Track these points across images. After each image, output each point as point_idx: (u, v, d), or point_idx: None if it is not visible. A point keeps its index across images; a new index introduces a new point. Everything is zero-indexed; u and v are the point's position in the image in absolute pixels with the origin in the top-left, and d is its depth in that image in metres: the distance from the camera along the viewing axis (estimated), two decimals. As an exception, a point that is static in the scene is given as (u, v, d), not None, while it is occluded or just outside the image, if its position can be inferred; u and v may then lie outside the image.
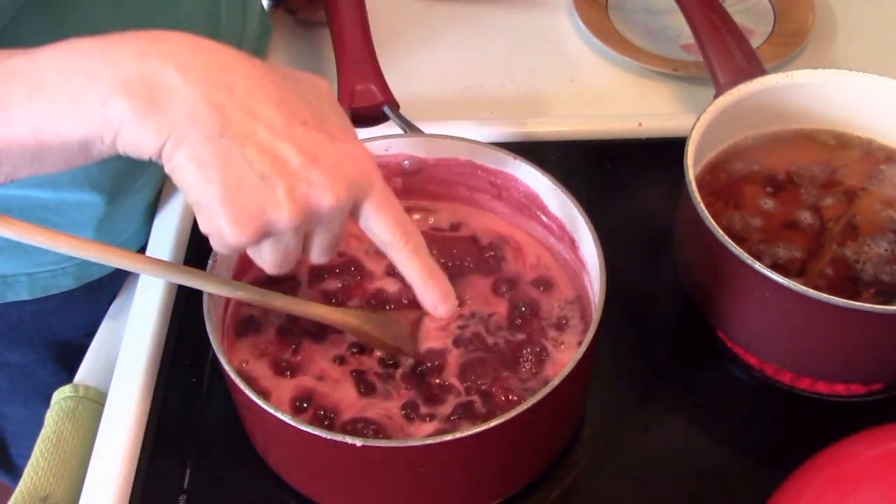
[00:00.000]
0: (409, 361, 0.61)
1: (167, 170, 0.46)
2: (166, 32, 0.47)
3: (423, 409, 0.59)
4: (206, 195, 0.45)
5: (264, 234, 0.47)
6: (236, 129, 0.45)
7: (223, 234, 0.46)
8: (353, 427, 0.57)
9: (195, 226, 0.74)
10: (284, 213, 0.46)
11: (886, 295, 0.62)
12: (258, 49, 0.89)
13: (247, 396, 0.53)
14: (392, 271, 0.66)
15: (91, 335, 0.74)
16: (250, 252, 0.50)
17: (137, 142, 0.45)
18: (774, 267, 0.59)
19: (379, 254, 0.66)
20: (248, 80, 0.46)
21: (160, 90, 0.44)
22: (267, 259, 0.50)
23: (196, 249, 0.73)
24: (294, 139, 0.46)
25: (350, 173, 0.48)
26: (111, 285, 0.76)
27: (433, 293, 0.53)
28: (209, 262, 0.59)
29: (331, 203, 0.47)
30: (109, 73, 0.44)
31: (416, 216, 0.70)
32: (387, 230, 0.50)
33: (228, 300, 0.61)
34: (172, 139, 0.45)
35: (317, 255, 0.51)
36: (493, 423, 0.51)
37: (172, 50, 0.46)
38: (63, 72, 0.45)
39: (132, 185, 0.73)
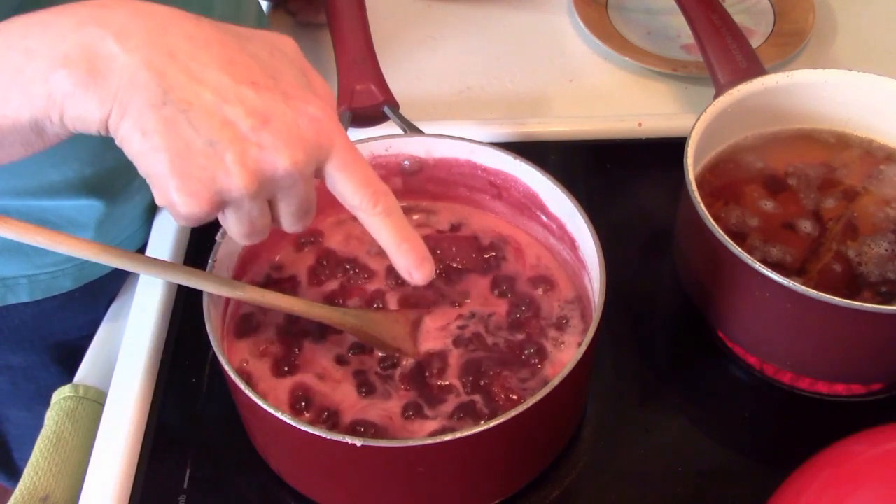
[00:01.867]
0: (409, 362, 0.61)
1: (117, 142, 0.44)
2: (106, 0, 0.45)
3: (424, 410, 0.59)
4: (154, 166, 0.44)
5: (219, 203, 0.45)
6: (179, 94, 0.43)
7: (175, 205, 0.44)
8: (354, 430, 0.57)
9: (194, 228, 0.75)
10: (236, 180, 0.44)
11: (886, 295, 0.62)
12: None
13: (247, 396, 0.52)
14: (393, 271, 0.66)
15: (92, 336, 0.74)
16: (221, 221, 0.48)
17: (84, 116, 0.43)
18: (774, 267, 0.59)
19: (380, 254, 0.67)
20: (192, 42, 0.44)
21: (100, 60, 0.43)
22: (233, 229, 0.48)
23: (196, 249, 0.73)
24: (243, 101, 0.44)
25: (307, 133, 0.45)
26: (111, 286, 0.76)
27: (407, 257, 0.50)
28: (209, 262, 0.59)
29: (286, 166, 0.44)
30: (48, 48, 0.43)
31: (416, 216, 0.70)
32: (353, 191, 0.48)
33: (228, 300, 0.61)
34: (116, 110, 0.43)
35: (288, 223, 0.49)
36: (493, 423, 0.51)
37: (111, 17, 0.44)
38: (1, 52, 0.44)
39: (130, 186, 0.73)
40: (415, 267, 0.51)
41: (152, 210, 0.77)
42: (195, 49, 0.44)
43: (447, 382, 0.60)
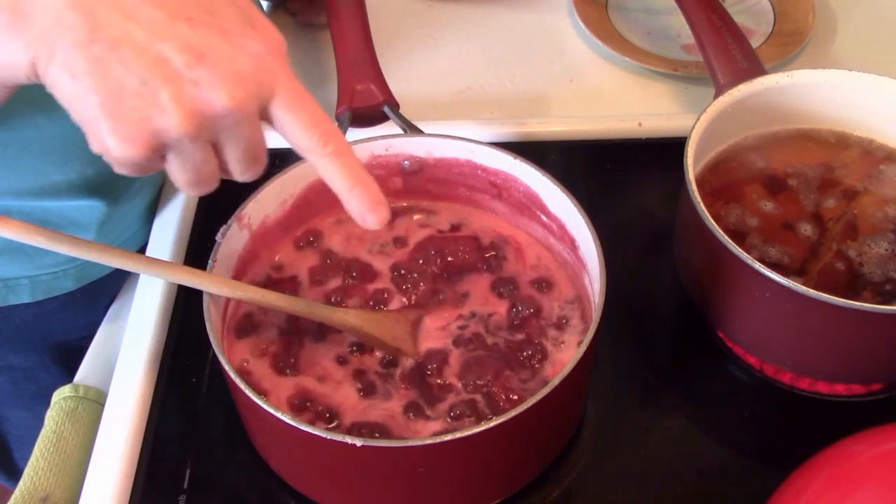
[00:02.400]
0: (410, 362, 0.61)
1: (48, 88, 0.42)
2: None
3: (424, 410, 0.59)
4: (85, 109, 0.41)
5: (156, 145, 0.42)
6: (108, 32, 0.41)
7: (110, 149, 0.42)
8: (354, 432, 0.57)
9: (195, 226, 0.75)
10: (172, 118, 0.41)
11: (886, 295, 0.62)
12: None
13: (247, 396, 0.52)
14: (394, 271, 0.66)
15: (92, 336, 0.74)
16: (166, 169, 0.45)
17: (9, 62, 0.42)
18: (774, 267, 0.59)
19: (381, 253, 0.67)
20: None
21: (24, 2, 0.41)
22: (178, 177, 0.45)
23: (196, 249, 0.73)
24: (177, 37, 0.42)
25: (246, 69, 0.43)
26: (112, 287, 0.76)
27: (360, 201, 0.48)
28: (209, 262, 0.59)
29: (224, 103, 0.42)
30: None
31: (417, 216, 0.70)
32: (301, 132, 0.46)
33: (228, 300, 0.61)
34: (43, 52, 0.41)
35: (237, 170, 0.46)
36: (493, 423, 0.51)
37: None
38: None
39: (131, 187, 0.73)
40: (368, 210, 0.48)
41: (152, 210, 0.77)
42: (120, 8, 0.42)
43: (447, 382, 0.60)
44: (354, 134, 0.70)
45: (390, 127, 0.71)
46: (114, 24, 0.41)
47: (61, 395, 0.68)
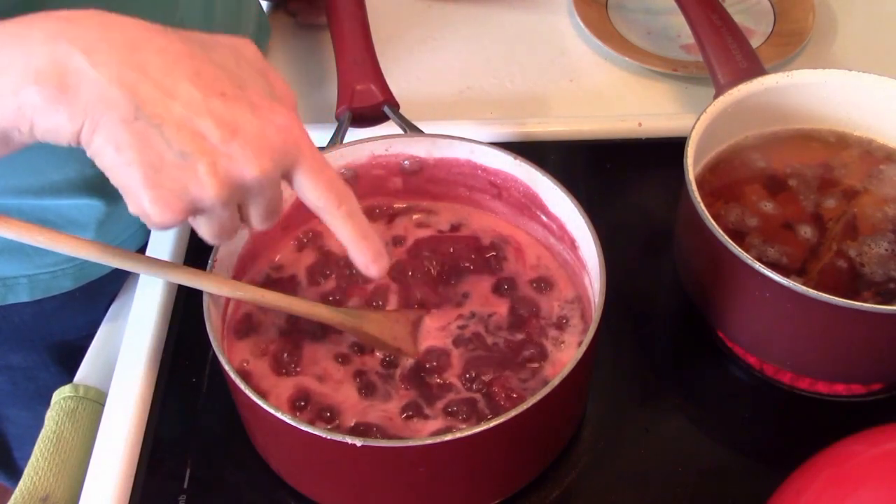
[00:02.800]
0: (409, 362, 0.61)
1: (89, 154, 0.45)
2: (76, 12, 0.46)
3: (424, 410, 0.59)
4: (127, 178, 0.45)
5: (191, 211, 0.46)
6: (151, 109, 0.44)
7: (149, 215, 0.46)
8: (357, 432, 0.57)
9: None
10: (208, 190, 0.45)
11: (886, 295, 0.62)
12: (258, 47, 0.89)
13: (247, 396, 0.52)
14: (393, 270, 0.66)
15: (92, 336, 0.74)
16: (191, 223, 0.49)
17: (54, 130, 0.45)
18: (774, 267, 0.59)
19: None
20: (163, 56, 0.45)
21: (70, 76, 0.44)
22: (204, 231, 0.49)
23: (196, 249, 0.73)
24: (212, 113, 0.45)
25: (274, 142, 0.47)
26: (111, 286, 0.76)
27: (365, 254, 0.52)
28: (209, 261, 0.59)
29: (255, 174, 0.46)
30: (20, 62, 0.44)
31: (416, 216, 0.70)
32: (319, 195, 0.50)
33: (228, 300, 0.61)
34: (88, 124, 0.44)
35: (256, 223, 0.50)
36: (493, 423, 0.51)
37: (81, 32, 0.45)
38: None
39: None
40: (371, 261, 0.53)
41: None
42: (166, 63, 0.45)
43: (447, 382, 0.60)
44: (354, 134, 0.70)
45: (390, 127, 0.71)
46: (156, 101, 0.44)
47: (61, 395, 0.68)
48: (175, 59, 0.46)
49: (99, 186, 0.69)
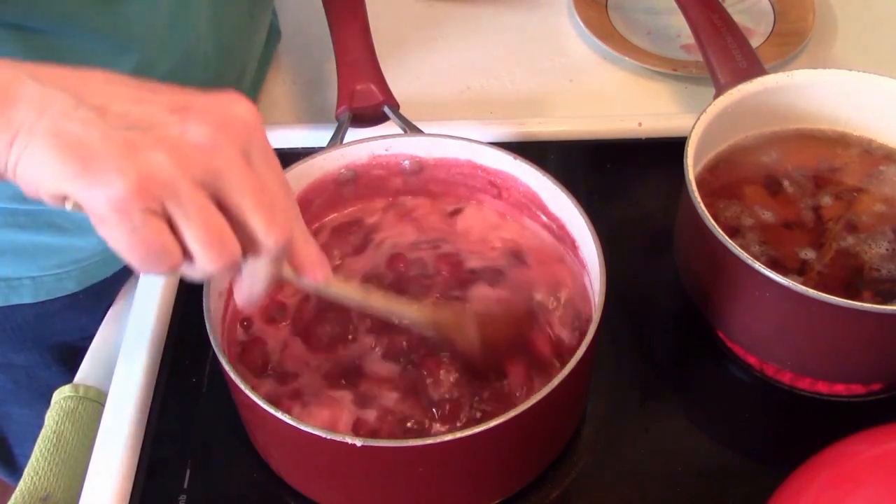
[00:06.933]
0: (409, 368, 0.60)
1: (10, 170, 0.42)
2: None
3: (423, 408, 0.59)
4: (66, 165, 0.41)
5: (153, 190, 0.41)
6: (93, 100, 0.42)
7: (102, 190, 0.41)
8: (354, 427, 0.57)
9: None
10: (162, 158, 0.41)
11: (886, 295, 0.62)
12: (266, 51, 0.88)
13: (247, 396, 0.52)
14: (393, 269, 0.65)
15: (94, 337, 0.74)
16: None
17: None
18: (774, 266, 0.59)
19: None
20: (109, 84, 0.43)
21: (10, 89, 0.42)
22: (120, 244, 0.43)
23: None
24: (159, 103, 0.43)
25: (234, 130, 0.44)
26: (113, 288, 0.76)
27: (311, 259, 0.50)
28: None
29: (207, 142, 0.43)
30: None
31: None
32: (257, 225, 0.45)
33: (229, 301, 0.61)
34: (21, 133, 0.41)
35: (195, 247, 0.44)
36: (493, 423, 0.51)
37: (28, 67, 0.43)
38: None
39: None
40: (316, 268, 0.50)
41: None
42: (110, 87, 0.43)
43: (445, 379, 0.60)
44: (354, 134, 0.70)
45: (390, 127, 0.71)
46: (97, 95, 0.42)
47: (61, 394, 0.68)
48: (121, 85, 0.44)
49: None
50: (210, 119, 0.43)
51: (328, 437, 0.50)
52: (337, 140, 0.69)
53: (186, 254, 0.44)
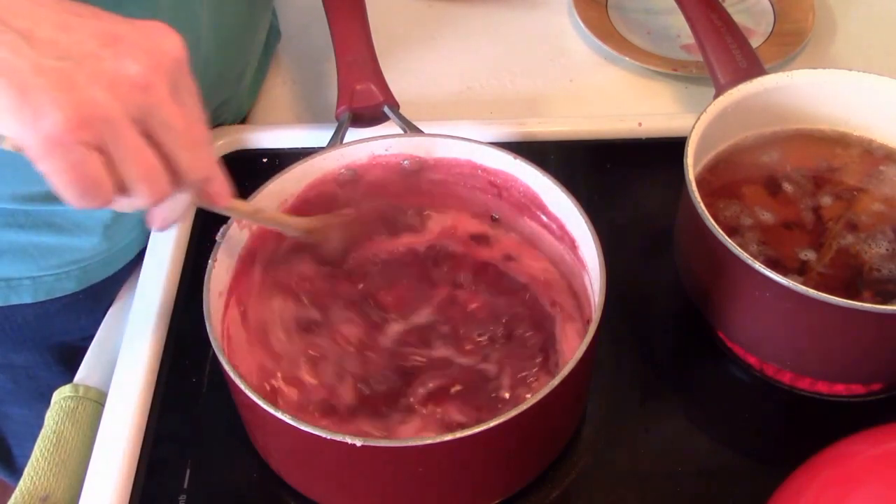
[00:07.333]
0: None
1: None
2: None
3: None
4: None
5: (92, 124, 0.41)
6: (17, 23, 0.41)
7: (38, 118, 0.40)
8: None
9: (195, 226, 0.75)
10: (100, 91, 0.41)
11: (886, 295, 0.62)
12: (266, 51, 0.88)
13: (247, 396, 0.52)
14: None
15: (94, 337, 0.74)
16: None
17: None
18: (774, 266, 0.59)
19: None
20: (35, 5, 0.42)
21: None
22: (58, 179, 0.43)
23: (196, 249, 0.73)
24: (86, 28, 0.42)
25: (162, 58, 0.44)
26: (113, 288, 0.76)
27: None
28: (209, 262, 0.59)
29: (140, 73, 0.43)
30: None
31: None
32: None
33: (229, 301, 0.61)
34: None
35: (133, 181, 0.44)
36: (493, 423, 0.51)
37: None
38: None
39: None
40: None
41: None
42: (33, 8, 0.42)
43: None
44: (354, 134, 0.70)
45: (390, 127, 0.71)
46: (20, 18, 0.41)
47: (61, 394, 0.68)
48: (43, 5, 0.42)
49: None
50: (142, 55, 0.43)
51: (328, 437, 0.50)
52: (337, 140, 0.69)
53: (118, 188, 0.45)
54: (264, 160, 0.78)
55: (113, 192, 0.44)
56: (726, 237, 0.59)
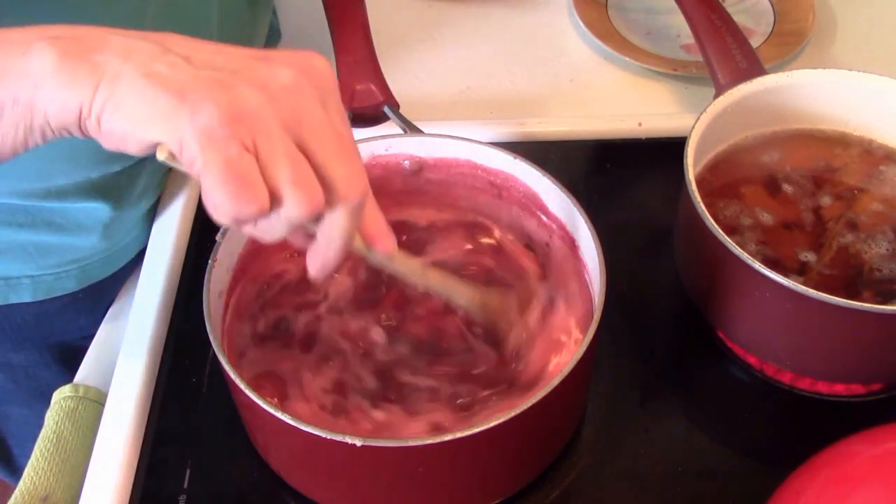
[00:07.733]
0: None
1: (93, 120, 0.42)
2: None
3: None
4: (161, 97, 0.41)
5: (246, 121, 0.41)
6: (177, 50, 0.43)
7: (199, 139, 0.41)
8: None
9: (195, 226, 0.75)
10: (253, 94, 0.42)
11: (886, 295, 0.62)
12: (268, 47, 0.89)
13: (247, 396, 0.52)
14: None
15: (93, 337, 0.74)
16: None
17: (70, 83, 0.41)
18: (774, 266, 0.59)
19: None
20: (186, 41, 0.44)
21: (92, 39, 0.42)
22: (206, 165, 0.42)
23: (196, 249, 0.73)
24: (243, 59, 0.44)
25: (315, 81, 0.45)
26: (113, 288, 0.76)
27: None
28: (209, 261, 0.58)
29: (290, 82, 0.43)
30: (34, 34, 0.42)
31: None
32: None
33: (228, 301, 0.61)
34: (107, 77, 0.41)
35: (285, 190, 0.43)
36: (493, 423, 0.51)
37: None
38: None
39: (135, 190, 0.73)
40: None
41: (153, 214, 0.77)
42: (191, 42, 0.45)
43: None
44: (354, 134, 0.70)
45: (390, 127, 0.71)
46: (180, 46, 0.44)
47: (61, 394, 0.68)
48: (200, 41, 0.45)
49: (106, 190, 0.69)
50: (293, 66, 0.44)
51: (328, 437, 0.50)
52: (337, 140, 0.69)
53: (272, 195, 0.42)
54: (264, 160, 0.78)
55: (268, 200, 0.42)
56: (726, 237, 0.59)
